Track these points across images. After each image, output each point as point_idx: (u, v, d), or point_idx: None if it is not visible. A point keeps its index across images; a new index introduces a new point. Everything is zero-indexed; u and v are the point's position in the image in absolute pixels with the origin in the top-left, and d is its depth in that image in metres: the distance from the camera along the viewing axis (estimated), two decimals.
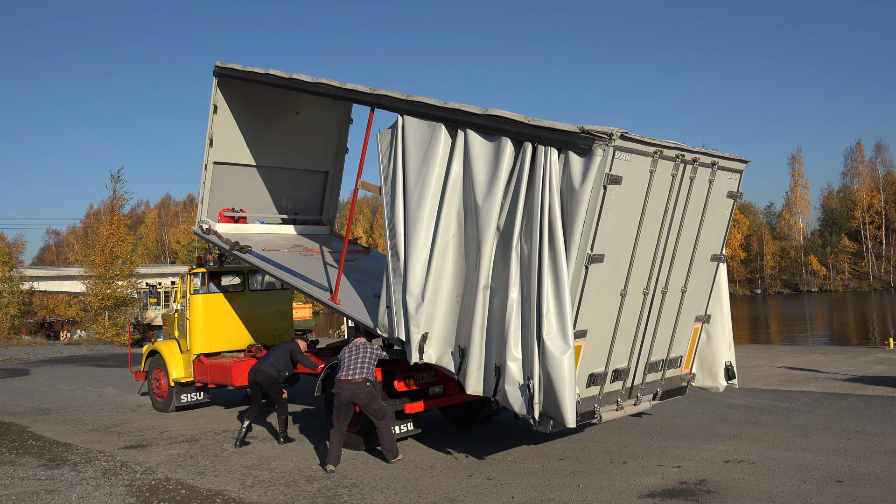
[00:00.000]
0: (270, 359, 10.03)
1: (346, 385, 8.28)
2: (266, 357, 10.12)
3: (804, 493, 6.62)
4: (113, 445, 10.36)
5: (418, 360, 7.97)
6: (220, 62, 12.12)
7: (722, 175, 8.00)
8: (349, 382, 8.27)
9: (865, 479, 6.94)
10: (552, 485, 7.30)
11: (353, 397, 8.25)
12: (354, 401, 8.28)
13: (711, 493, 6.72)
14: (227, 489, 7.69)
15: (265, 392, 9.98)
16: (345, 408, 8.35)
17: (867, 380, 13.29)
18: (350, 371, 8.35)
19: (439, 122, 8.06)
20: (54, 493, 7.84)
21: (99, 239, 42.94)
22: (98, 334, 42.34)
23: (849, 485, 6.80)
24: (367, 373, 8.34)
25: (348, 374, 8.33)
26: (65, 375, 22.36)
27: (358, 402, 8.29)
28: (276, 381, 9.93)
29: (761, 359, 17.66)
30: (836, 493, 6.55)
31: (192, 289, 12.75)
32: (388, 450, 8.40)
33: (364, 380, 8.29)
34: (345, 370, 8.39)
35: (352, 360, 8.42)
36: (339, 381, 8.36)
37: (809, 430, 9.24)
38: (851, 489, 6.65)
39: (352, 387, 8.25)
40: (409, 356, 8.04)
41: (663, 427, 9.74)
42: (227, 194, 12.86)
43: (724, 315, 8.93)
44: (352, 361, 8.41)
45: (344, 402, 8.31)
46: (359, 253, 13.11)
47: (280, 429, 10.02)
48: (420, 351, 7.95)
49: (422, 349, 7.93)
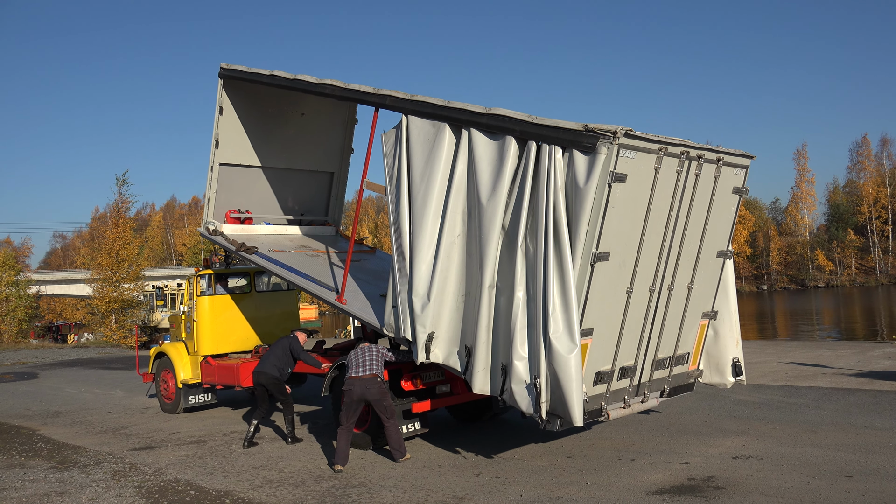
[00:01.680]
0: (271, 358, 10.00)
1: (358, 381, 8.31)
2: (267, 357, 10.09)
3: (813, 488, 6.60)
4: (122, 447, 10.41)
5: (424, 359, 7.98)
6: (226, 64, 12.16)
7: (727, 171, 7.97)
8: (360, 379, 8.32)
9: (874, 475, 6.92)
10: (560, 482, 7.30)
11: (364, 393, 8.29)
12: (366, 397, 8.31)
13: (720, 490, 6.71)
14: (235, 490, 7.71)
15: (270, 393, 10.00)
16: (355, 404, 8.38)
17: (875, 375, 13.24)
18: (360, 368, 8.39)
19: (444, 121, 8.05)
20: (64, 495, 7.88)
21: (105, 242, 43.08)
22: (105, 337, 42.49)
23: (858, 480, 6.78)
24: (377, 369, 8.39)
25: (359, 371, 8.37)
26: (73, 378, 22.45)
27: (369, 398, 8.31)
28: (280, 381, 9.94)
29: (768, 355, 17.61)
30: (844, 489, 6.53)
31: (199, 290, 12.79)
32: (395, 448, 8.42)
33: (374, 375, 8.33)
34: (355, 368, 8.43)
35: (361, 359, 8.47)
36: (349, 378, 8.40)
37: (818, 426, 9.21)
38: (860, 484, 6.64)
39: (363, 383, 8.29)
40: (416, 356, 8.05)
41: (671, 424, 9.73)
42: (233, 196, 12.91)
43: (732, 311, 8.90)
44: (361, 360, 8.46)
45: (355, 398, 8.34)
46: (365, 253, 13.13)
47: (287, 429, 10.03)
48: (426, 350, 7.95)
49: (428, 349, 7.94)
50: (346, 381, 8.43)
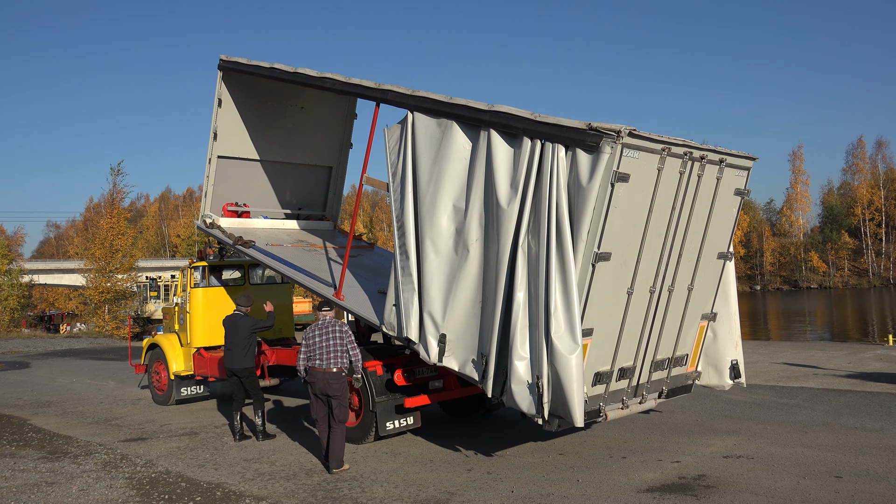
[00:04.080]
0: (239, 345, 9.71)
1: (321, 374, 7.95)
2: (234, 345, 9.75)
3: (803, 488, 6.63)
4: (113, 438, 10.38)
5: (437, 361, 7.84)
6: (225, 56, 12.08)
7: (730, 172, 7.89)
8: (323, 372, 7.95)
9: (864, 475, 6.96)
10: (551, 479, 7.32)
11: (325, 387, 7.93)
12: (327, 391, 7.94)
13: (710, 489, 6.74)
14: (227, 482, 7.70)
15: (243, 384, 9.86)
16: (321, 398, 8.06)
17: (866, 376, 13.31)
18: (324, 359, 7.97)
19: (448, 118, 7.88)
20: (55, 485, 7.86)
21: (99, 232, 42.91)
22: (98, 328, 42.34)
23: (847, 480, 6.81)
24: (341, 362, 7.99)
25: (322, 363, 7.98)
26: (65, 368, 22.38)
27: (329, 393, 7.93)
28: (253, 371, 9.81)
29: (760, 355, 17.68)
30: (834, 489, 6.56)
31: (193, 282, 12.76)
32: (334, 457, 7.90)
33: (339, 370, 7.97)
34: (318, 358, 8.00)
35: (325, 348, 7.98)
36: (312, 370, 8.02)
37: (808, 426, 9.25)
38: (850, 485, 6.67)
39: (326, 377, 7.93)
40: (428, 357, 7.93)
41: (662, 422, 9.76)
42: (231, 188, 12.85)
43: (731, 313, 8.83)
44: (325, 349, 7.97)
45: (318, 392, 8.01)
46: (362, 248, 13.11)
47: (253, 424, 9.84)
48: (440, 353, 7.82)
49: (442, 351, 7.82)
50: (309, 373, 8.04)
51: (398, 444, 9.15)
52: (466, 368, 7.71)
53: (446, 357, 7.84)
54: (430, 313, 7.92)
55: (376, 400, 8.86)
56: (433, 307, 7.89)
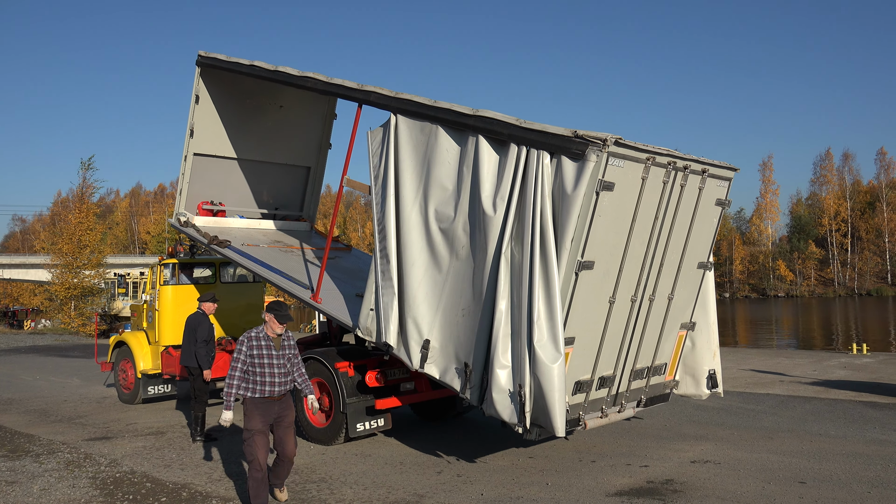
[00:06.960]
0: (186, 345, 9.65)
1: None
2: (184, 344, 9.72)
3: (768, 493, 6.72)
4: (77, 437, 10.18)
5: (419, 367, 7.77)
6: (204, 52, 11.90)
7: (712, 182, 7.91)
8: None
9: (827, 481, 7.08)
10: (521, 482, 7.33)
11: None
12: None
13: (678, 493, 6.80)
14: (193, 483, 7.59)
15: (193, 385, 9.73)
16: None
17: (831, 384, 13.56)
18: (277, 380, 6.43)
19: (432, 122, 7.77)
20: (15, 484, 7.68)
21: (67, 227, 42.17)
22: (63, 324, 41.59)
23: (811, 486, 6.92)
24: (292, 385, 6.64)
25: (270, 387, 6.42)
26: (28, 365, 21.92)
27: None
28: (199, 371, 9.65)
29: (728, 361, 17.91)
30: (798, 494, 6.67)
31: (162, 279, 12.57)
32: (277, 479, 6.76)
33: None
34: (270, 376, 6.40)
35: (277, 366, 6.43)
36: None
37: (774, 432, 9.39)
38: (814, 490, 6.78)
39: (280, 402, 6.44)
40: (410, 363, 7.87)
41: (632, 427, 9.83)
42: (207, 186, 12.66)
43: (710, 323, 8.81)
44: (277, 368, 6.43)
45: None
46: (340, 251, 13.02)
47: (195, 428, 9.65)
48: (423, 359, 7.74)
49: (424, 357, 7.74)
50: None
51: (368, 445, 9.11)
52: (447, 377, 7.61)
53: (428, 364, 7.74)
54: (413, 319, 7.80)
55: (347, 401, 8.80)
56: (417, 313, 7.78)
